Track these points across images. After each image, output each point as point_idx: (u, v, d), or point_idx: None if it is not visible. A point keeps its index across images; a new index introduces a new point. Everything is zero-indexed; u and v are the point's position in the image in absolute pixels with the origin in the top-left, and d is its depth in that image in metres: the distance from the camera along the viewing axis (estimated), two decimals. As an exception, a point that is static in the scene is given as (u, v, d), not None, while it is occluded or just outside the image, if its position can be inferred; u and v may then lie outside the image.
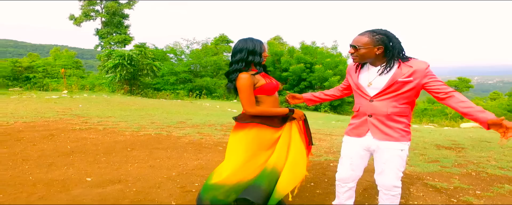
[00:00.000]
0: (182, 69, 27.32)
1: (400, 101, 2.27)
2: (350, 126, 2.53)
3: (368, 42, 2.23)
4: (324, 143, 6.26)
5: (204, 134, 6.54)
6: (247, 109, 2.40)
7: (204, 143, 5.66)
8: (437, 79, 2.18)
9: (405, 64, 2.22)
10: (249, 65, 2.46)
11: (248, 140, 2.42)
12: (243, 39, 2.49)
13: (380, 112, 2.30)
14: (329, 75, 22.59)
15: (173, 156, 4.66)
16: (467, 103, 2.09)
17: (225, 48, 39.52)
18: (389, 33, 2.25)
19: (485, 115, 2.00)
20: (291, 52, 26.05)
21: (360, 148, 2.46)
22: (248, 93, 2.37)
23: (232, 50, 2.48)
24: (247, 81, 2.36)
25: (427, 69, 2.18)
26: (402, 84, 2.21)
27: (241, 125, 2.48)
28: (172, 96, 20.47)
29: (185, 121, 8.33)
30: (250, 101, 2.39)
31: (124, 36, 34.51)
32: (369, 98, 2.33)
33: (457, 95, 2.13)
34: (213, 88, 28.05)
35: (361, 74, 2.41)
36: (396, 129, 2.30)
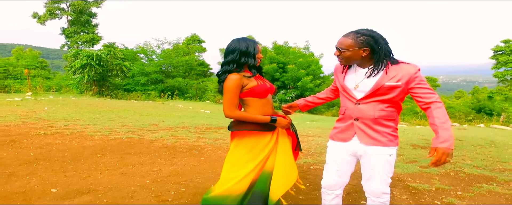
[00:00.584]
0: (153, 69, 26.71)
1: (387, 104, 2.16)
2: (335, 130, 2.40)
3: (352, 44, 2.10)
4: (302, 144, 6.15)
5: (178, 137, 6.29)
6: (225, 111, 2.26)
7: (178, 146, 5.42)
8: (423, 86, 2.07)
9: (393, 67, 2.11)
10: (241, 67, 2.31)
11: (247, 149, 2.31)
12: (236, 39, 2.33)
13: (367, 116, 2.19)
14: (302, 75, 22.68)
15: (146, 162, 4.41)
16: (436, 119, 2.02)
17: (197, 48, 39.04)
18: (375, 33, 2.13)
19: (436, 140, 1.98)
20: (264, 52, 25.98)
21: (346, 153, 2.34)
22: (232, 96, 2.23)
23: (225, 51, 2.35)
24: (234, 82, 2.22)
25: (416, 74, 2.07)
26: (389, 88, 2.10)
27: (235, 133, 2.37)
28: (143, 97, 19.91)
29: (158, 124, 8.03)
30: (230, 104, 2.24)
31: (92, 35, 33.31)
32: (355, 101, 2.21)
33: (433, 109, 2.04)
34: (185, 89, 27.60)
35: (348, 76, 2.28)
36: (384, 133, 2.19)
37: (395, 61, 2.14)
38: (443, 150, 1.93)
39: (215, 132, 7.13)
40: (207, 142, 5.90)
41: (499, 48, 29.31)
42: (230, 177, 2.29)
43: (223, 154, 5.05)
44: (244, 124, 2.32)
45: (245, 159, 2.31)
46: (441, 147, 1.94)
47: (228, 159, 2.39)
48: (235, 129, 2.36)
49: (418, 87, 2.08)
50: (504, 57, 28.51)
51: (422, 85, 2.08)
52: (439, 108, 2.03)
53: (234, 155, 2.35)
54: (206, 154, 5.02)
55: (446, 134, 1.96)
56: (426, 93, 2.06)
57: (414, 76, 2.06)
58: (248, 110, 2.35)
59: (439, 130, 1.98)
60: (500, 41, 29.30)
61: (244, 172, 2.28)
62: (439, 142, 1.96)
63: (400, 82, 2.08)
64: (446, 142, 1.95)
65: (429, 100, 2.05)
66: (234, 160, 2.34)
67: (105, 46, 25.34)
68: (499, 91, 29.62)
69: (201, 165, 4.42)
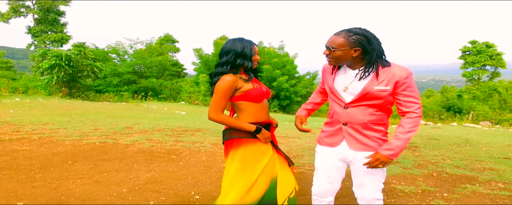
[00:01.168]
0: (126, 70, 26.01)
1: (377, 108, 2.06)
2: (323, 133, 2.28)
3: (343, 43, 1.98)
4: (282, 146, 6.04)
5: (155, 140, 6.04)
6: (210, 113, 2.12)
7: (155, 151, 5.19)
8: (409, 94, 1.98)
9: (384, 69, 2.00)
10: (237, 69, 2.16)
11: (245, 160, 2.16)
12: (232, 40, 2.17)
13: (356, 121, 2.08)
14: (277, 75, 22.64)
15: (122, 169, 4.16)
16: (399, 128, 1.99)
17: (171, 48, 38.45)
18: (368, 33, 2.02)
19: (384, 145, 2.01)
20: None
21: (336, 158, 2.22)
22: (220, 97, 2.08)
23: (219, 51, 2.18)
24: (226, 83, 2.07)
25: (406, 78, 1.96)
26: (377, 93, 1.99)
27: (230, 143, 2.22)
28: (116, 99, 19.31)
29: (132, 126, 7.72)
30: (217, 106, 2.09)
31: (61, 35, 32.07)
32: (344, 104, 2.10)
33: (405, 118, 1.99)
34: (159, 90, 27.05)
35: (337, 77, 2.16)
36: (374, 138, 2.09)
37: (387, 63, 2.04)
38: (381, 156, 1.96)
39: (192, 135, 6.91)
40: (185, 145, 5.68)
41: (466, 48, 30.41)
42: (236, 192, 2.13)
43: (202, 158, 4.87)
44: (236, 131, 2.16)
45: (247, 171, 2.15)
46: (381, 153, 1.96)
47: (227, 172, 2.22)
48: (227, 138, 2.20)
49: (403, 94, 1.98)
50: (472, 57, 29.58)
51: (408, 92, 1.98)
52: (410, 118, 1.97)
53: (233, 168, 2.18)
54: (185, 159, 4.82)
55: (396, 143, 1.95)
56: (408, 102, 1.98)
57: (403, 81, 1.96)
58: (241, 115, 2.20)
59: (393, 137, 1.97)
60: (468, 42, 30.41)
61: (247, 185, 2.13)
62: (383, 149, 1.97)
63: (388, 86, 1.98)
64: (390, 150, 1.95)
65: (407, 110, 1.99)
66: (234, 174, 2.17)
67: (74, 46, 24.44)
68: (468, 90, 30.69)
69: (180, 170, 4.23)
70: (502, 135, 8.69)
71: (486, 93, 29.70)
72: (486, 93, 29.73)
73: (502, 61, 29.18)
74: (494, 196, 3.46)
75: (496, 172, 4.41)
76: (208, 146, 5.70)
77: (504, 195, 3.49)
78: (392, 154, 1.95)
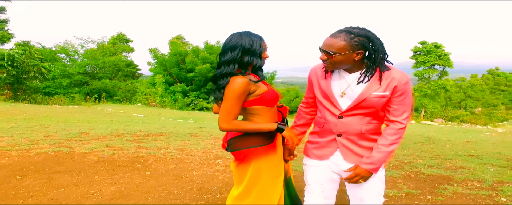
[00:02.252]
0: (77, 70, 24.53)
1: (373, 116, 1.85)
2: (312, 145, 2.01)
3: (345, 46, 1.72)
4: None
5: (115, 147, 5.52)
6: (220, 122, 1.78)
7: (117, 160, 4.70)
8: (402, 102, 1.78)
9: (383, 74, 1.78)
10: (245, 68, 1.83)
11: (264, 174, 1.88)
12: (238, 34, 1.83)
13: (353, 131, 1.85)
14: (235, 75, 22.36)
15: (81, 182, 3.67)
16: (381, 138, 1.82)
17: (124, 47, 36.95)
18: (370, 33, 1.78)
19: (364, 158, 1.82)
20: (196, 52, 25.17)
21: (330, 170, 1.96)
22: (233, 103, 1.75)
23: (222, 47, 1.83)
24: (241, 87, 1.74)
25: (405, 85, 1.77)
26: (376, 98, 1.78)
27: (240, 155, 1.89)
28: (67, 101, 18.02)
29: (88, 132, 7.08)
30: (229, 113, 1.76)
31: (2, 32, 29.56)
32: (339, 113, 1.85)
33: (388, 127, 1.82)
34: (113, 91, 25.84)
35: (332, 82, 1.89)
36: (370, 149, 1.87)
37: (385, 67, 1.81)
38: (361, 170, 1.80)
39: (155, 140, 6.44)
40: (149, 152, 5.23)
41: (417, 49, 31.98)
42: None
43: (170, 166, 4.47)
44: (247, 139, 1.83)
45: (262, 188, 1.87)
46: (361, 168, 1.80)
47: (237, 184, 1.93)
48: (238, 148, 1.86)
49: (396, 101, 1.78)
50: (422, 57, 31.16)
51: (402, 100, 1.78)
52: (394, 129, 1.79)
53: (244, 183, 1.87)
54: (151, 167, 4.39)
55: (378, 156, 1.78)
56: (396, 110, 1.79)
57: (401, 87, 1.76)
58: (254, 121, 1.88)
59: (375, 150, 1.81)
60: (418, 43, 31.97)
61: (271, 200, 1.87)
62: (365, 162, 1.80)
63: (387, 92, 1.77)
64: (371, 164, 1.79)
65: (393, 118, 1.80)
66: (248, 190, 1.87)
67: (18, 45, 22.52)
68: (419, 88, 32.22)
69: (148, 181, 3.81)
70: (458, 131, 9.03)
71: (436, 91, 31.41)
72: (436, 91, 31.44)
73: (449, 61, 31.01)
74: (474, 197, 3.42)
75: (468, 171, 4.43)
76: (175, 152, 5.29)
77: (483, 194, 3.46)
78: (374, 168, 1.78)
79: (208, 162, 4.76)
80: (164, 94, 21.81)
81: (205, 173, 4.25)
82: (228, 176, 4.13)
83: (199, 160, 4.88)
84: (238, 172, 1.93)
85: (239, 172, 1.92)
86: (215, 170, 4.39)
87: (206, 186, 3.75)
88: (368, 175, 1.79)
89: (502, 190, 3.56)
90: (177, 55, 24.68)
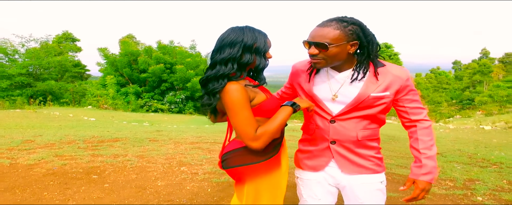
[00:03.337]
0: (18, 71, 22.59)
1: (370, 120, 1.64)
2: (303, 155, 1.78)
3: (340, 36, 1.47)
4: (217, 154, 5.44)
5: (66, 157, 4.94)
6: (249, 143, 1.44)
7: (69, 171, 4.17)
8: (413, 98, 1.61)
9: (379, 70, 1.57)
10: (242, 70, 1.52)
11: (269, 194, 1.56)
12: (238, 28, 1.50)
13: (348, 138, 1.62)
14: (191, 76, 21.71)
15: (27, 201, 3.16)
16: (420, 143, 1.60)
17: (71, 47, 34.89)
18: (359, 21, 1.55)
19: (418, 170, 1.58)
20: (149, 52, 24.09)
21: (326, 183, 1.73)
22: (245, 114, 1.42)
23: (218, 43, 1.50)
24: (240, 93, 1.42)
25: (407, 81, 1.58)
26: (375, 100, 1.57)
27: (239, 173, 1.55)
28: (7, 105, 16.45)
29: (33, 139, 6.35)
30: (249, 127, 1.43)
31: None
32: (330, 117, 1.62)
33: (419, 129, 1.62)
34: (60, 93, 24.17)
35: (319, 83, 1.66)
36: (369, 157, 1.66)
37: (379, 63, 1.61)
38: (424, 185, 1.56)
39: (111, 146, 5.90)
40: (106, 161, 4.73)
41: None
42: None
43: (131, 177, 4.04)
44: (246, 153, 1.51)
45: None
46: (422, 181, 1.56)
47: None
48: (232, 166, 1.53)
49: (407, 100, 1.61)
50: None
51: (412, 97, 1.61)
52: (426, 128, 1.62)
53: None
54: (110, 179, 3.93)
55: (431, 164, 1.57)
56: (414, 108, 1.62)
57: (405, 84, 1.57)
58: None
59: (422, 157, 1.58)
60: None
61: None
62: (421, 174, 1.57)
63: (388, 92, 1.56)
64: (429, 174, 1.56)
65: (416, 118, 1.62)
66: None
67: None
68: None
69: (108, 195, 3.38)
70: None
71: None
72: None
73: (399, 61, 32.51)
74: (452, 197, 3.40)
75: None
76: (134, 160, 4.83)
77: (460, 194, 3.45)
78: (433, 177, 1.57)
79: (172, 170, 4.38)
80: (116, 96, 20.63)
81: (171, 182, 3.87)
82: (197, 185, 3.79)
83: (162, 168, 4.48)
84: (236, 192, 1.63)
85: (237, 192, 1.62)
86: (181, 179, 4.03)
87: (173, 198, 3.39)
88: (430, 188, 1.59)
89: (475, 189, 3.56)
90: (129, 55, 23.48)
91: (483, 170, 4.31)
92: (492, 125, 10.62)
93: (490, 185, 3.68)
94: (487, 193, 3.44)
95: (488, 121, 12.49)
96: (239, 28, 1.51)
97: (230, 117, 1.44)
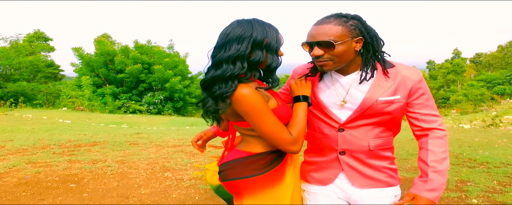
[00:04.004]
0: (-15, 72, 21.54)
1: (384, 127, 1.47)
2: (309, 166, 1.60)
3: (343, 32, 1.31)
4: (202, 158, 5.23)
5: (40, 163, 4.62)
6: (290, 147, 1.27)
7: (44, 180, 3.87)
8: (426, 103, 1.43)
9: (388, 71, 1.41)
10: (253, 70, 1.32)
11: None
12: (245, 21, 1.29)
13: (359, 148, 1.45)
14: (169, 76, 21.25)
15: (-3, 215, 2.88)
16: (430, 154, 1.41)
17: (43, 46, 33.60)
18: (358, 15, 1.41)
19: (422, 185, 1.37)
20: (126, 51, 23.42)
21: (336, 196, 1.56)
22: (275, 119, 1.25)
23: (221, 39, 1.28)
24: (259, 97, 1.23)
25: (420, 83, 1.41)
26: (384, 104, 1.40)
27: (231, 187, 1.37)
28: (-26, 107, 15.62)
29: (4, 145, 5.95)
30: (285, 130, 1.27)
31: None
32: (338, 125, 1.45)
33: (431, 138, 1.42)
34: (32, 95, 23.17)
35: (324, 89, 1.50)
36: (383, 169, 1.49)
37: (388, 62, 1.45)
38: (425, 202, 1.35)
39: (89, 151, 5.59)
40: (84, 167, 4.44)
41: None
42: None
43: (113, 184, 3.78)
44: (244, 164, 1.33)
45: None
46: (424, 198, 1.35)
47: None
48: (228, 179, 1.34)
49: (419, 104, 1.42)
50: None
51: (424, 102, 1.42)
52: (439, 138, 1.42)
53: None
54: (89, 187, 3.67)
55: (439, 180, 1.36)
56: (427, 114, 1.43)
57: (417, 86, 1.40)
58: (253, 143, 1.37)
59: (429, 171, 1.38)
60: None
61: None
62: (425, 189, 1.36)
63: (398, 95, 1.40)
64: (434, 191, 1.35)
65: (429, 126, 1.42)
66: None
67: None
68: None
69: (87, 206, 3.13)
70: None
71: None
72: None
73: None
74: (447, 200, 3.34)
75: (425, 171, 4.40)
76: (114, 166, 4.56)
77: (454, 197, 3.39)
78: (437, 196, 1.35)
79: (155, 176, 4.15)
80: (92, 97, 19.91)
81: (155, 190, 3.65)
82: (183, 192, 3.58)
83: (145, 174, 4.24)
84: None
85: None
86: (166, 185, 3.81)
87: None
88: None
89: (468, 191, 3.51)
90: (105, 55, 22.75)
91: (472, 170, 4.28)
92: (470, 124, 10.79)
93: (482, 187, 3.64)
94: (481, 195, 3.39)
95: (465, 119, 12.71)
96: (246, 21, 1.30)
97: (255, 125, 1.25)
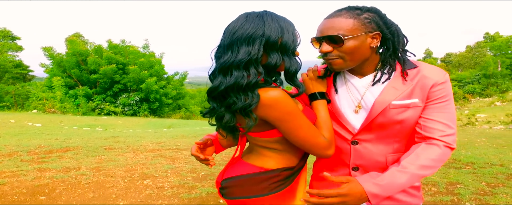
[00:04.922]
0: None
1: (404, 139, 1.23)
2: (319, 183, 1.40)
3: (355, 25, 1.13)
4: (183, 163, 4.97)
5: (5, 173, 4.22)
6: (326, 152, 1.12)
7: (9, 192, 3.51)
8: (442, 108, 1.16)
9: (407, 72, 1.19)
10: (274, 75, 1.17)
11: None
12: (255, 15, 1.08)
13: (374, 163, 1.24)
14: (145, 76, 20.69)
15: (-46, 236, 2.53)
16: (411, 156, 1.12)
17: (10, 46, 32.21)
18: (376, 8, 1.21)
19: (369, 175, 1.10)
20: (99, 51, 22.63)
21: None
22: (310, 123, 1.10)
23: (227, 36, 1.07)
24: (291, 100, 1.06)
25: (444, 84, 1.16)
26: (398, 110, 1.17)
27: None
28: None
29: (-34, 152, 5.47)
30: (319, 134, 1.12)
31: None
32: (352, 136, 1.25)
33: (427, 144, 1.14)
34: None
35: (337, 93, 1.29)
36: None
37: (409, 62, 1.22)
38: (354, 192, 1.04)
39: (61, 158, 5.20)
40: (55, 176, 4.09)
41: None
42: None
43: (88, 195, 3.48)
44: (251, 181, 1.15)
45: None
46: (357, 185, 1.05)
47: None
48: (235, 197, 1.18)
49: (432, 108, 1.16)
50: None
51: (440, 106, 1.16)
52: (436, 147, 1.14)
53: None
54: (61, 199, 3.35)
55: (394, 180, 1.08)
56: (434, 122, 1.16)
57: (438, 87, 1.16)
58: (275, 158, 1.18)
59: (392, 167, 1.12)
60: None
61: None
62: (366, 180, 1.07)
63: (416, 98, 1.16)
64: (376, 186, 1.06)
65: (428, 135, 1.16)
66: None
67: None
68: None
69: (59, 222, 2.82)
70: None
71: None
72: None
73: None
74: (440, 203, 3.22)
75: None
76: (89, 174, 4.23)
77: (447, 200, 3.31)
78: (375, 193, 1.05)
79: (134, 185, 3.86)
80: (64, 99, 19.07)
81: (135, 200, 3.37)
82: (165, 202, 3.32)
83: (123, 182, 3.94)
84: None
85: None
86: (146, 195, 3.53)
87: (140, 220, 2.90)
88: (358, 203, 1.05)
89: (460, 193, 3.44)
90: (77, 55, 21.89)
91: (459, 171, 4.24)
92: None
93: (472, 189, 3.58)
94: (473, 198, 3.32)
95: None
96: (256, 15, 1.07)
97: (290, 130, 1.06)
